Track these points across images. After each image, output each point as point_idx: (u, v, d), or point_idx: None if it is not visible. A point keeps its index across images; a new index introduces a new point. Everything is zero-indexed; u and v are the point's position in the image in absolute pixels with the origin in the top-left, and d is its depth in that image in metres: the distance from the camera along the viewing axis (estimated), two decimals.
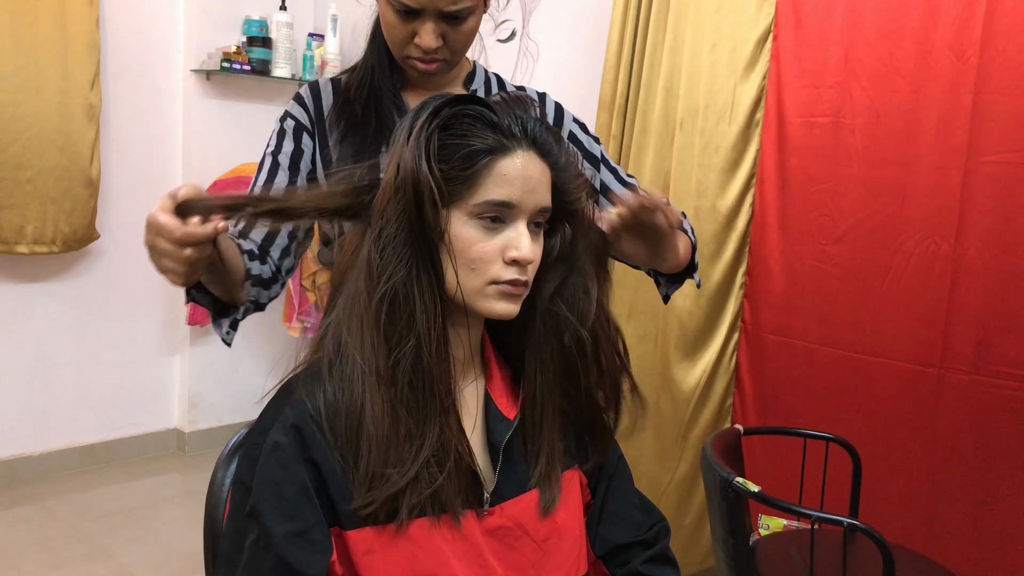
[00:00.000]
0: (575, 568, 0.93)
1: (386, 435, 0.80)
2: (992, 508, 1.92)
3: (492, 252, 0.83)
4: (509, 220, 0.83)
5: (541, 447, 0.91)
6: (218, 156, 3.36)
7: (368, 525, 0.81)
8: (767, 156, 2.25)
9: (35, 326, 3.09)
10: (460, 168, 0.81)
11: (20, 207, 2.86)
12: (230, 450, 1.04)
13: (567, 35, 2.81)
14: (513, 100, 0.86)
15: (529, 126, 0.84)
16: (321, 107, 1.27)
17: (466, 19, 1.17)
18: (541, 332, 0.90)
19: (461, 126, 0.82)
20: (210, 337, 3.48)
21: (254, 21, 3.32)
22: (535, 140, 0.84)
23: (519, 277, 0.84)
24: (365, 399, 0.81)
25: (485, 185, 0.81)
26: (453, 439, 0.83)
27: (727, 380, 2.39)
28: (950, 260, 1.95)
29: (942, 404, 1.97)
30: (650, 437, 2.49)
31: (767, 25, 2.22)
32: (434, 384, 0.82)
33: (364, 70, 1.26)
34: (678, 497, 2.44)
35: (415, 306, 0.81)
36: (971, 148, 1.90)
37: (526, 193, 0.83)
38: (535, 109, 0.86)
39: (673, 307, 2.41)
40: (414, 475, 0.80)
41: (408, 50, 1.18)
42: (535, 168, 0.84)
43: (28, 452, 3.12)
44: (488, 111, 0.83)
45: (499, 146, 0.82)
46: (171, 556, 2.63)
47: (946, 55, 1.93)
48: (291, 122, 1.27)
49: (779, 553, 1.78)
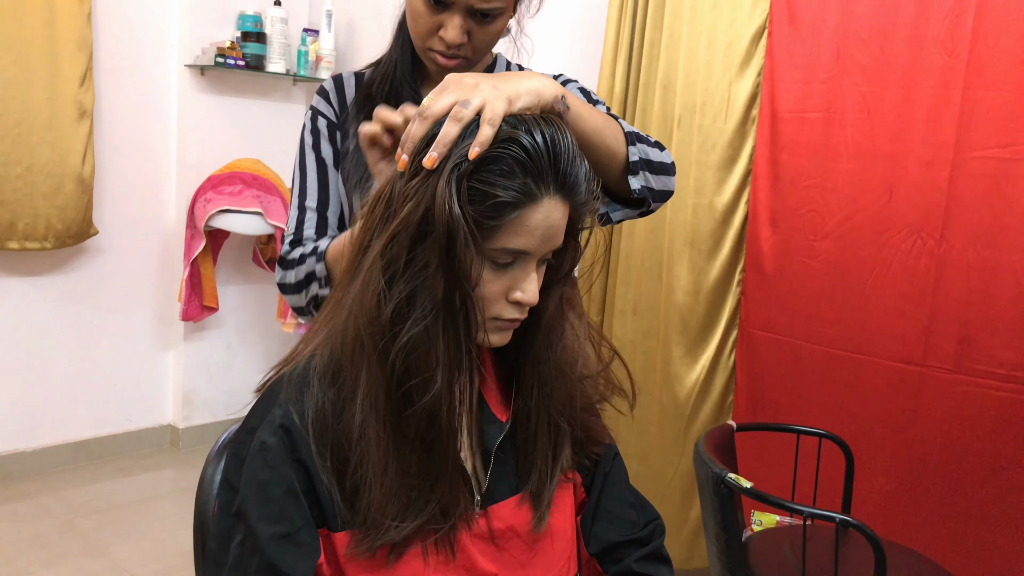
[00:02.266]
0: (566, 568, 0.93)
1: (393, 486, 0.79)
2: (971, 505, 1.92)
3: (498, 292, 0.81)
4: (519, 262, 0.81)
5: (534, 463, 0.90)
6: (212, 151, 3.35)
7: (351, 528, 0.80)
8: (761, 152, 2.25)
9: (28, 322, 3.08)
10: (487, 216, 0.77)
11: (10, 204, 2.85)
12: (219, 447, 1.04)
13: (563, 32, 2.81)
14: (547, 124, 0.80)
15: (562, 166, 0.79)
16: (345, 100, 1.25)
17: (495, 19, 1.15)
18: (542, 347, 0.89)
19: (494, 166, 0.77)
20: (204, 333, 3.48)
21: (248, 16, 3.31)
22: (564, 183, 0.80)
23: (519, 317, 0.83)
24: (368, 441, 0.78)
25: (506, 233, 0.78)
26: (461, 500, 0.83)
27: (727, 376, 2.39)
28: (935, 256, 1.95)
29: (923, 402, 1.98)
30: (654, 432, 2.49)
31: (762, 21, 2.22)
32: (446, 441, 0.81)
33: (387, 64, 1.24)
34: (681, 492, 2.45)
35: (435, 358, 0.77)
36: (959, 144, 1.90)
37: (544, 241, 0.80)
38: (567, 134, 0.80)
39: (675, 303, 2.42)
40: (415, 529, 0.80)
41: (431, 42, 1.15)
42: (558, 215, 0.80)
43: (21, 448, 3.12)
44: (522, 152, 0.77)
45: (528, 196, 0.77)
46: (164, 552, 2.63)
47: (937, 51, 1.93)
48: (323, 120, 1.25)
49: (772, 549, 1.78)
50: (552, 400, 0.90)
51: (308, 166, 1.25)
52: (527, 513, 0.89)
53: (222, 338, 3.54)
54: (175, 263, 3.39)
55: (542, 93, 0.84)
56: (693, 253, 2.38)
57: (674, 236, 2.40)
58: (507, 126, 0.78)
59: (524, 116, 0.80)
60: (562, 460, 0.93)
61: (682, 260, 2.39)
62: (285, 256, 1.21)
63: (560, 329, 0.90)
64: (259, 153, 3.42)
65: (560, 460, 0.92)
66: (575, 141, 0.81)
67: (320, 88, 1.28)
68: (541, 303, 0.86)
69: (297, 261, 1.18)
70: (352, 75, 1.28)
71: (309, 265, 1.15)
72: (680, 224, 2.39)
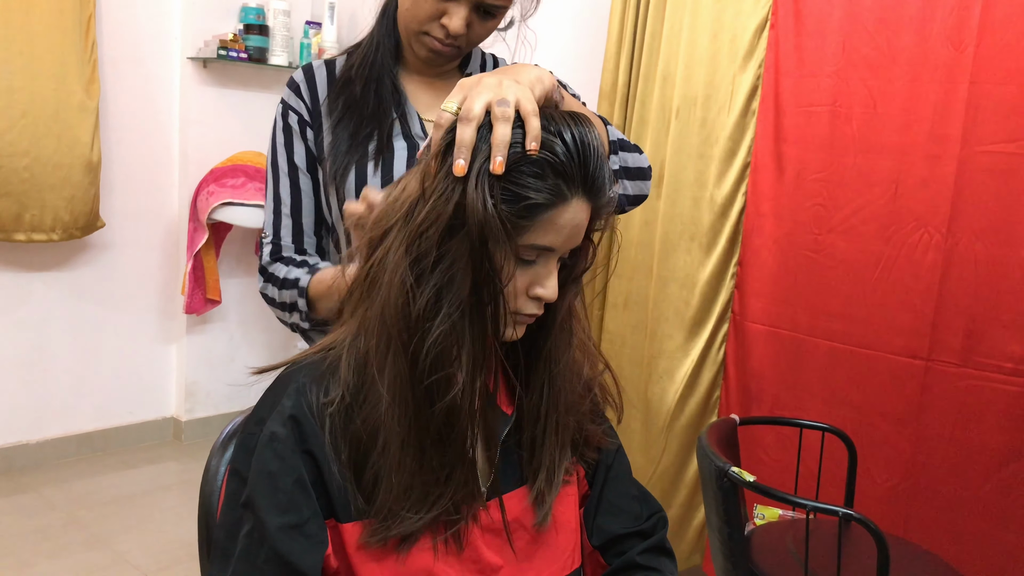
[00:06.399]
0: (570, 561, 0.94)
1: (411, 478, 0.80)
2: (976, 500, 1.92)
3: (520, 287, 0.82)
4: (542, 258, 0.82)
5: (541, 462, 0.90)
6: (215, 144, 3.34)
7: (365, 519, 0.81)
8: (762, 145, 2.24)
9: (32, 314, 3.09)
10: (519, 216, 0.78)
11: (17, 195, 2.85)
12: (224, 439, 1.04)
13: (566, 24, 2.80)
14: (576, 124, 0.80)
15: (591, 168, 0.79)
16: (316, 92, 1.24)
17: (496, 16, 1.16)
18: (555, 346, 0.89)
19: (525, 167, 0.77)
20: (207, 326, 3.48)
21: (251, 9, 3.30)
22: (592, 184, 0.80)
23: (537, 312, 0.84)
24: (391, 433, 0.79)
25: (535, 231, 0.79)
26: (474, 492, 0.84)
27: (714, 371, 2.38)
28: (942, 251, 1.95)
29: (928, 397, 1.97)
30: (637, 428, 2.49)
31: (765, 14, 2.22)
32: (463, 435, 0.81)
33: (369, 47, 1.23)
34: (662, 489, 2.44)
35: (461, 354, 0.78)
36: (966, 138, 1.90)
37: (568, 239, 0.81)
38: (595, 134, 0.81)
39: (668, 298, 2.41)
40: (430, 520, 0.81)
41: (430, 27, 1.15)
42: (583, 215, 0.81)
43: (25, 440, 3.12)
44: (554, 154, 0.78)
45: (559, 196, 0.78)
46: (167, 544, 2.64)
47: (943, 44, 1.92)
48: (294, 116, 1.24)
49: (774, 543, 1.78)
50: (562, 399, 0.90)
51: (280, 168, 1.24)
52: (532, 506, 0.90)
53: (225, 331, 3.54)
54: (178, 256, 3.39)
55: (545, 83, 0.85)
56: (692, 246, 2.37)
57: (671, 229, 2.39)
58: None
59: (553, 115, 0.80)
60: (567, 459, 0.93)
61: (679, 253, 2.39)
62: (267, 268, 1.23)
63: (571, 330, 0.90)
64: (261, 146, 3.41)
65: (566, 459, 0.93)
66: (602, 142, 0.82)
67: (290, 80, 1.26)
68: (555, 303, 0.87)
69: (281, 283, 1.19)
70: (323, 64, 1.26)
71: (291, 296, 1.17)
72: (678, 217, 2.38)
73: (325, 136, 1.22)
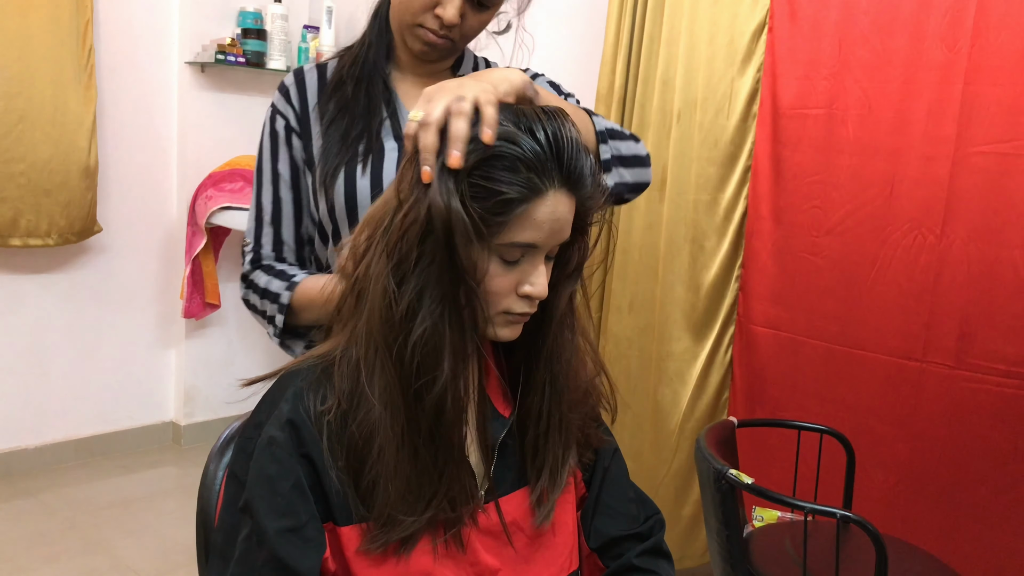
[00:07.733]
0: (568, 563, 0.94)
1: (407, 482, 0.80)
2: (972, 501, 1.92)
3: (507, 286, 0.81)
4: (527, 256, 0.81)
5: (545, 460, 0.90)
6: (213, 149, 3.35)
7: (363, 523, 0.81)
8: (761, 148, 2.25)
9: (30, 319, 3.09)
10: (493, 212, 0.77)
11: (13, 200, 2.85)
12: (222, 443, 1.04)
13: (563, 27, 2.80)
14: (549, 119, 0.80)
15: (565, 160, 0.79)
16: (306, 97, 1.24)
17: (489, 9, 1.16)
18: (554, 345, 0.89)
19: (497, 162, 0.77)
20: (206, 330, 3.48)
21: (249, 13, 3.31)
22: (569, 176, 0.80)
23: (529, 310, 0.84)
24: (385, 438, 0.79)
25: (514, 228, 0.78)
26: (469, 490, 0.84)
27: (723, 373, 2.39)
28: (936, 252, 1.95)
29: (923, 398, 1.97)
30: (648, 430, 2.49)
31: (763, 17, 2.22)
32: (452, 431, 0.81)
33: (361, 46, 1.24)
34: (675, 489, 2.45)
35: (444, 351, 0.78)
36: (960, 139, 1.90)
37: (552, 235, 0.81)
38: (570, 127, 0.80)
39: (674, 300, 2.41)
40: (427, 521, 0.81)
41: (423, 18, 1.14)
42: (564, 208, 0.80)
43: (24, 445, 3.12)
44: (524, 148, 0.77)
45: (533, 190, 0.78)
46: (167, 549, 2.63)
47: (937, 45, 1.93)
48: (281, 121, 1.23)
49: (773, 545, 1.78)
50: (564, 397, 0.90)
51: (264, 175, 1.24)
52: (531, 508, 0.90)
53: (224, 335, 3.54)
54: (177, 260, 3.39)
55: (512, 80, 0.85)
56: (695, 249, 2.37)
57: (675, 232, 2.40)
58: (508, 123, 0.78)
59: (525, 111, 0.80)
60: (572, 458, 0.93)
61: (683, 256, 2.39)
62: (248, 275, 1.23)
63: (571, 328, 0.90)
64: None
65: (570, 457, 0.93)
66: (579, 135, 0.82)
67: (281, 84, 1.26)
68: (552, 300, 0.87)
69: (262, 292, 1.20)
70: (314, 68, 1.26)
71: (272, 310, 1.18)
72: (681, 220, 2.39)
73: (315, 141, 1.22)
